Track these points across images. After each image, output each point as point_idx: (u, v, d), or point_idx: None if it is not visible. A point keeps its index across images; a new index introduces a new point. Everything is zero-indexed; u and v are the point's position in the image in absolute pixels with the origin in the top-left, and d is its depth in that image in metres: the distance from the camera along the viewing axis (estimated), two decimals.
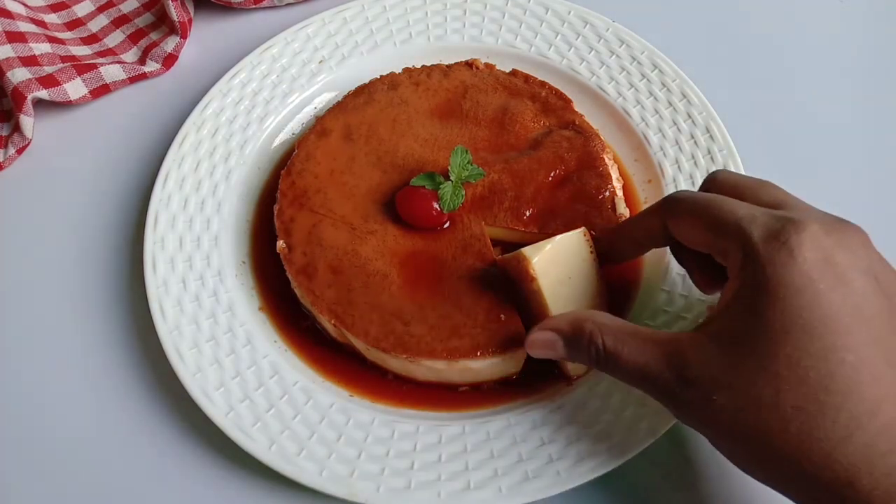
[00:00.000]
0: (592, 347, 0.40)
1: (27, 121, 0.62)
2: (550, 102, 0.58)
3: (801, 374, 0.33)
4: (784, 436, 0.34)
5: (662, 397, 0.38)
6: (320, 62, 0.64)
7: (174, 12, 0.66)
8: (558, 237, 0.46)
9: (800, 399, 0.33)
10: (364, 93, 0.59)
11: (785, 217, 0.36)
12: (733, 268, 0.37)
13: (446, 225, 0.52)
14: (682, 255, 0.45)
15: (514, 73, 0.60)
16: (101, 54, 0.68)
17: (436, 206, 0.51)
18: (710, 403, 0.35)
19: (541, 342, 0.43)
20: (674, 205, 0.42)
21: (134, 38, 0.70)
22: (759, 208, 0.38)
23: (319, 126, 0.58)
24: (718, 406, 0.35)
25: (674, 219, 0.41)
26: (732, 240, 0.37)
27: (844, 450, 0.33)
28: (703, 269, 0.44)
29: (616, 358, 0.39)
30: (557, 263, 0.46)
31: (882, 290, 0.35)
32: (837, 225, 0.37)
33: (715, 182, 0.43)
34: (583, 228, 0.48)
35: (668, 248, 0.47)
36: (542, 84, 0.59)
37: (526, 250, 0.46)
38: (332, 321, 0.49)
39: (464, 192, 0.51)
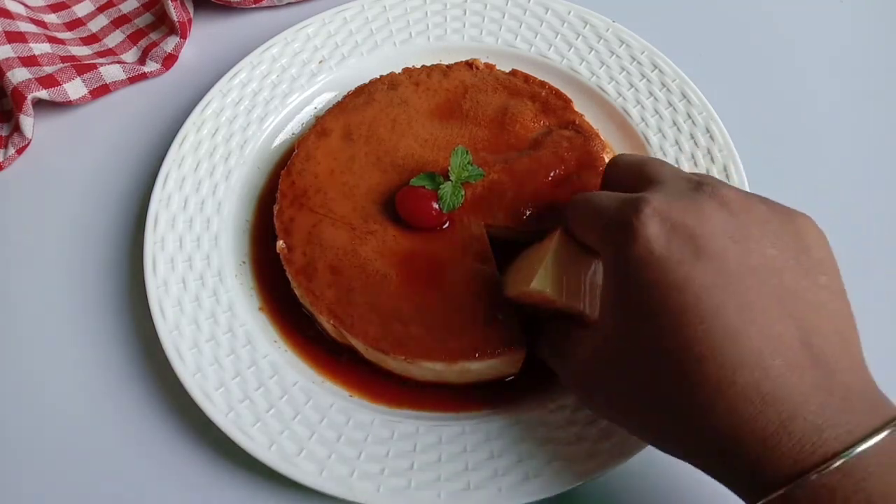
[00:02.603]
0: None
1: (27, 121, 0.62)
2: (550, 102, 0.58)
3: (665, 360, 0.33)
4: (666, 429, 0.35)
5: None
6: (320, 62, 0.64)
7: (174, 12, 0.66)
8: (548, 255, 0.44)
9: (666, 389, 0.34)
10: (364, 93, 0.59)
11: (632, 199, 0.36)
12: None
13: (446, 225, 0.52)
14: None
15: (513, 73, 0.60)
16: (101, 54, 0.68)
17: (435, 206, 0.51)
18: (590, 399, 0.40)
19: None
20: (570, 211, 0.42)
21: (134, 38, 0.70)
22: (619, 196, 0.37)
23: (319, 126, 0.58)
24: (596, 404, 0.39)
25: (573, 227, 0.42)
26: (595, 235, 0.37)
27: (711, 423, 0.32)
28: None
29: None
30: (560, 268, 0.44)
31: (740, 247, 0.34)
32: (688, 192, 0.36)
33: (613, 168, 0.43)
34: (559, 230, 0.45)
35: None
36: (542, 84, 0.59)
37: (534, 285, 0.43)
38: (332, 321, 0.49)
39: (464, 193, 0.51)
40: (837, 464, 0.30)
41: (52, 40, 0.67)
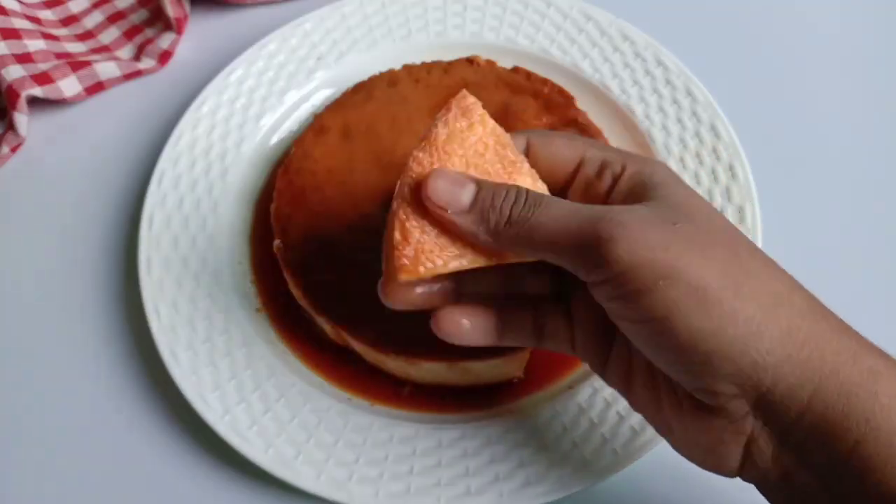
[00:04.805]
0: (511, 197, 0.33)
1: (21, 118, 0.61)
2: (553, 100, 0.57)
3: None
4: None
5: (584, 257, 0.33)
6: (318, 59, 0.63)
7: (169, 9, 0.65)
8: None
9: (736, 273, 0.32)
10: (363, 90, 0.59)
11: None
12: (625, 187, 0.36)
13: None
14: None
15: (515, 69, 0.59)
16: (96, 51, 0.67)
17: None
18: (674, 228, 0.32)
19: (449, 180, 0.34)
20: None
21: (129, 34, 0.69)
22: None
23: (317, 124, 0.57)
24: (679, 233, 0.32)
25: (545, 137, 0.37)
26: (633, 162, 0.36)
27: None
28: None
29: (532, 217, 0.33)
30: None
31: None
32: None
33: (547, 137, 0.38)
34: None
35: None
36: (545, 81, 0.58)
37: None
38: (330, 322, 0.48)
39: None
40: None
41: (47, 37, 0.67)
